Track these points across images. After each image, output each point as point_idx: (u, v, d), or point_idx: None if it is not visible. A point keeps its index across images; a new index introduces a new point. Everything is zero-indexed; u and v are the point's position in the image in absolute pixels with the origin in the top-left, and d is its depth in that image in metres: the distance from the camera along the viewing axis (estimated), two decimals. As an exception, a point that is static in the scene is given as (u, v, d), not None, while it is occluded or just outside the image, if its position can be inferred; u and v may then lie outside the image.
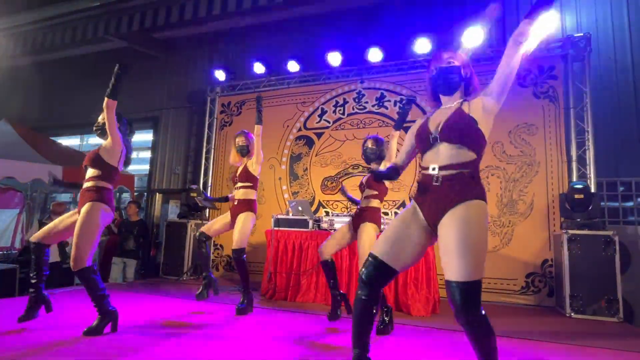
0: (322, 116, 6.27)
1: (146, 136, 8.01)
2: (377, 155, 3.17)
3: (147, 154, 7.90)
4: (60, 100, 8.94)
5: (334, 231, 3.62)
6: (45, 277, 2.85)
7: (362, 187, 3.24)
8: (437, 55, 1.95)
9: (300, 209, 4.64)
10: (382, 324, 3.01)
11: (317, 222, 4.66)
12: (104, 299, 2.70)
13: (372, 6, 6.34)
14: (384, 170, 2.04)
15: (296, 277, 4.42)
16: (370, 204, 3.11)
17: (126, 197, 7.32)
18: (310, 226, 4.58)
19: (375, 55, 5.76)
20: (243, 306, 3.57)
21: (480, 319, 1.62)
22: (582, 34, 4.98)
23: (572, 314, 3.98)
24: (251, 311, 3.63)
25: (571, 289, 4.02)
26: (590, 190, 4.46)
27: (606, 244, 3.98)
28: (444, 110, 1.89)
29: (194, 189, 6.25)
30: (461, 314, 1.61)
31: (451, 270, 1.63)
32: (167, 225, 6.22)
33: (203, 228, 3.78)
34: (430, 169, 1.81)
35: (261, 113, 3.72)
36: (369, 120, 5.94)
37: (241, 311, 3.54)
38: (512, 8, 5.53)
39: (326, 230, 4.54)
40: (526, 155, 5.01)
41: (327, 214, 5.74)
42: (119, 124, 2.92)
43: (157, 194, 7.56)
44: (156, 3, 6.40)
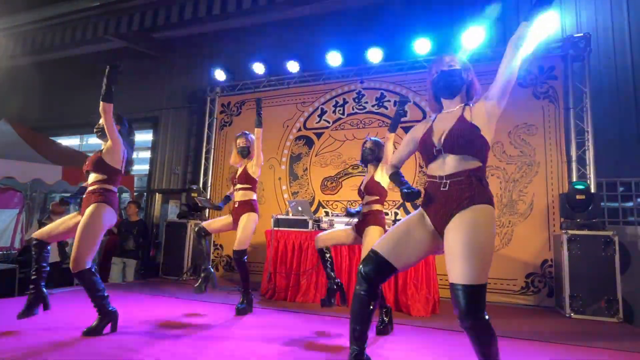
0: (321, 116, 6.27)
1: (146, 136, 8.01)
2: (374, 157, 3.17)
3: (147, 154, 7.90)
4: (60, 100, 8.94)
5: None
6: (45, 274, 2.85)
7: (360, 194, 3.22)
8: (439, 58, 1.94)
9: (300, 209, 4.65)
10: (382, 324, 3.01)
11: (317, 222, 4.67)
12: (103, 299, 2.70)
13: (372, 6, 6.33)
14: (413, 191, 1.91)
15: (296, 277, 4.42)
16: (373, 208, 3.10)
17: (126, 197, 7.31)
18: (310, 226, 4.58)
19: (375, 55, 5.76)
20: (243, 306, 3.57)
21: (484, 323, 1.60)
22: (582, 34, 4.98)
23: (571, 314, 3.98)
24: (251, 311, 3.63)
25: (571, 289, 4.02)
26: (591, 190, 4.46)
27: (606, 244, 3.98)
28: (446, 116, 1.88)
29: (194, 189, 6.26)
30: (465, 317, 1.59)
31: (456, 273, 1.61)
32: (167, 226, 6.22)
33: (203, 223, 3.78)
34: (437, 177, 1.81)
35: (261, 116, 3.69)
36: (368, 121, 5.94)
37: (241, 311, 3.54)
38: (512, 8, 5.53)
39: (326, 230, 4.53)
40: (526, 156, 5.02)
41: (326, 214, 5.74)
42: (120, 125, 2.91)
43: (157, 194, 7.56)
44: (156, 3, 6.40)
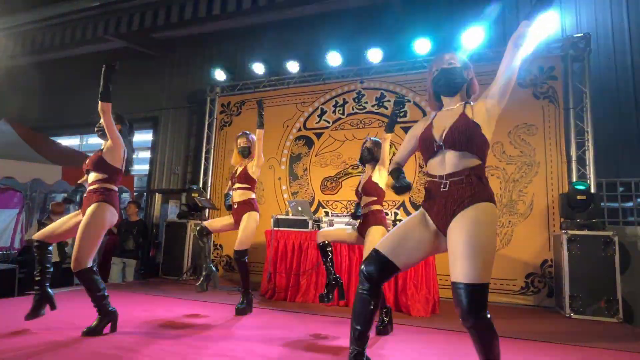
0: (321, 116, 6.27)
1: (146, 136, 8.01)
2: (372, 157, 3.17)
3: (147, 154, 7.90)
4: (60, 100, 8.94)
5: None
6: (49, 275, 2.86)
7: (358, 194, 3.21)
8: (439, 56, 1.94)
9: (299, 209, 4.65)
10: (382, 324, 3.01)
11: (317, 222, 4.67)
12: (104, 299, 2.70)
13: (372, 6, 6.33)
14: (403, 185, 1.92)
15: (296, 277, 4.42)
16: (372, 209, 3.10)
17: (126, 197, 7.31)
18: (310, 226, 4.58)
19: (375, 55, 5.76)
20: (242, 306, 3.57)
21: (486, 322, 1.59)
22: (582, 34, 4.98)
23: (571, 314, 3.98)
24: (251, 311, 3.63)
25: (571, 289, 4.02)
26: (591, 190, 4.46)
27: (606, 244, 3.98)
28: (446, 114, 1.88)
29: (194, 189, 6.26)
30: (467, 316, 1.57)
31: (458, 271, 1.60)
32: (167, 226, 6.22)
33: (205, 223, 3.77)
34: (437, 177, 1.80)
35: (263, 117, 3.69)
36: (368, 121, 5.94)
37: (241, 311, 3.54)
38: (512, 8, 5.53)
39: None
40: (526, 156, 5.02)
41: (326, 214, 5.74)
42: (121, 125, 2.91)
43: (157, 194, 7.56)
44: (156, 3, 6.41)
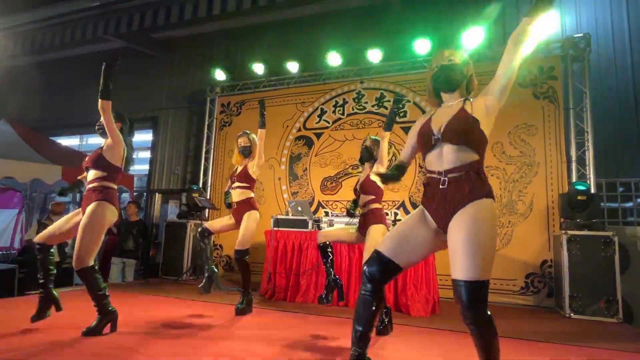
0: (321, 116, 6.27)
1: (146, 136, 8.01)
2: (371, 155, 3.17)
3: (147, 154, 7.90)
4: (60, 100, 8.94)
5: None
6: (53, 277, 2.85)
7: (356, 193, 3.22)
8: (439, 52, 1.96)
9: (299, 209, 4.65)
10: (382, 325, 3.01)
11: (317, 222, 4.67)
12: (104, 298, 2.70)
13: (372, 6, 6.34)
14: (388, 174, 2.04)
15: (296, 277, 4.42)
16: (371, 207, 3.10)
17: (126, 197, 7.31)
18: (310, 226, 4.58)
19: (375, 55, 5.76)
20: (242, 306, 3.57)
21: (486, 319, 1.61)
22: (582, 34, 4.99)
23: (571, 314, 3.98)
24: (250, 312, 3.63)
25: (570, 289, 4.02)
26: (591, 191, 4.46)
27: (605, 244, 3.98)
28: (445, 110, 1.88)
29: (195, 189, 6.26)
30: (467, 313, 1.60)
31: (458, 269, 1.62)
32: (167, 226, 6.22)
33: (206, 224, 3.77)
34: (435, 173, 1.80)
35: (264, 117, 3.70)
36: (368, 121, 5.94)
37: (240, 311, 3.54)
38: (512, 8, 5.53)
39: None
40: (526, 156, 5.02)
41: (326, 214, 5.74)
42: (121, 123, 2.91)
43: (157, 194, 7.56)
44: (156, 3, 6.40)
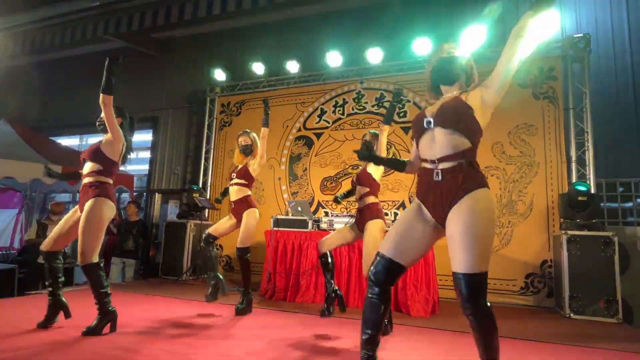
0: (321, 116, 6.27)
1: (145, 136, 8.00)
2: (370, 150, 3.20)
3: (147, 154, 7.89)
4: (60, 100, 8.94)
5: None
6: (61, 283, 2.85)
7: (353, 184, 3.28)
8: (438, 46, 1.98)
9: (299, 209, 4.65)
10: (382, 325, 3.01)
11: (317, 222, 4.66)
12: (106, 297, 2.71)
13: (372, 6, 6.34)
14: (363, 152, 2.34)
15: (295, 277, 4.42)
16: (367, 202, 3.11)
17: (125, 197, 7.32)
18: (310, 226, 4.58)
19: (375, 55, 5.76)
20: (242, 307, 3.57)
21: (486, 309, 1.63)
22: (581, 34, 4.98)
23: (571, 314, 3.98)
24: (250, 312, 3.63)
25: (570, 289, 4.02)
26: (592, 192, 4.46)
27: (605, 244, 3.98)
28: (441, 100, 1.91)
29: (195, 189, 6.25)
30: (467, 303, 1.63)
31: (458, 262, 1.65)
32: (167, 226, 6.22)
33: (209, 230, 3.75)
34: (428, 161, 1.81)
35: (268, 116, 3.72)
36: (368, 121, 5.94)
37: (240, 312, 3.54)
38: (512, 8, 5.53)
39: (325, 230, 4.54)
40: (526, 156, 5.01)
41: (326, 214, 5.74)
42: (121, 118, 2.92)
43: (157, 194, 7.56)
44: (156, 3, 6.40)
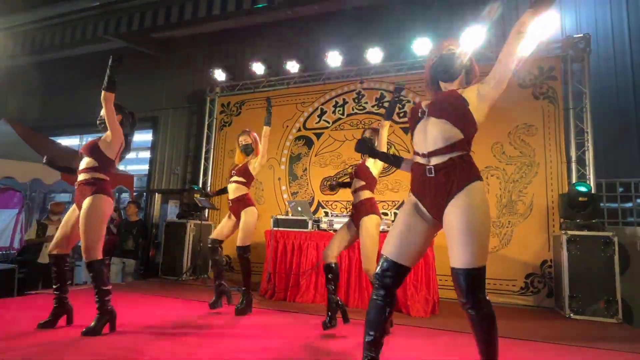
0: (321, 116, 6.27)
1: (145, 136, 8.00)
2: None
3: (147, 154, 7.89)
4: (60, 100, 8.94)
5: (334, 232, 3.60)
6: (67, 289, 2.85)
7: (351, 176, 3.29)
8: (438, 43, 1.99)
9: (299, 209, 4.64)
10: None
11: (317, 222, 4.66)
12: (107, 295, 2.71)
13: (372, 6, 6.33)
14: (359, 142, 2.33)
15: (295, 277, 4.41)
16: (362, 197, 3.09)
17: (125, 197, 7.32)
18: (310, 226, 4.58)
19: (375, 55, 5.76)
20: (242, 306, 3.56)
21: (485, 303, 1.65)
22: (581, 34, 4.98)
23: (571, 314, 3.98)
24: (250, 312, 3.63)
25: (570, 289, 4.02)
26: (592, 192, 4.46)
27: (605, 244, 3.98)
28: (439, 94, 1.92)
29: (196, 189, 6.25)
30: (465, 298, 1.65)
31: (456, 257, 1.67)
32: (167, 226, 6.22)
33: (213, 234, 3.74)
34: (420, 155, 1.82)
35: (271, 115, 3.73)
36: (368, 121, 5.94)
37: (240, 311, 3.54)
38: (512, 8, 5.53)
39: (325, 230, 4.53)
40: (525, 156, 5.01)
41: (326, 214, 5.73)
42: (121, 115, 2.92)
43: (157, 194, 7.56)
44: (156, 3, 6.40)
